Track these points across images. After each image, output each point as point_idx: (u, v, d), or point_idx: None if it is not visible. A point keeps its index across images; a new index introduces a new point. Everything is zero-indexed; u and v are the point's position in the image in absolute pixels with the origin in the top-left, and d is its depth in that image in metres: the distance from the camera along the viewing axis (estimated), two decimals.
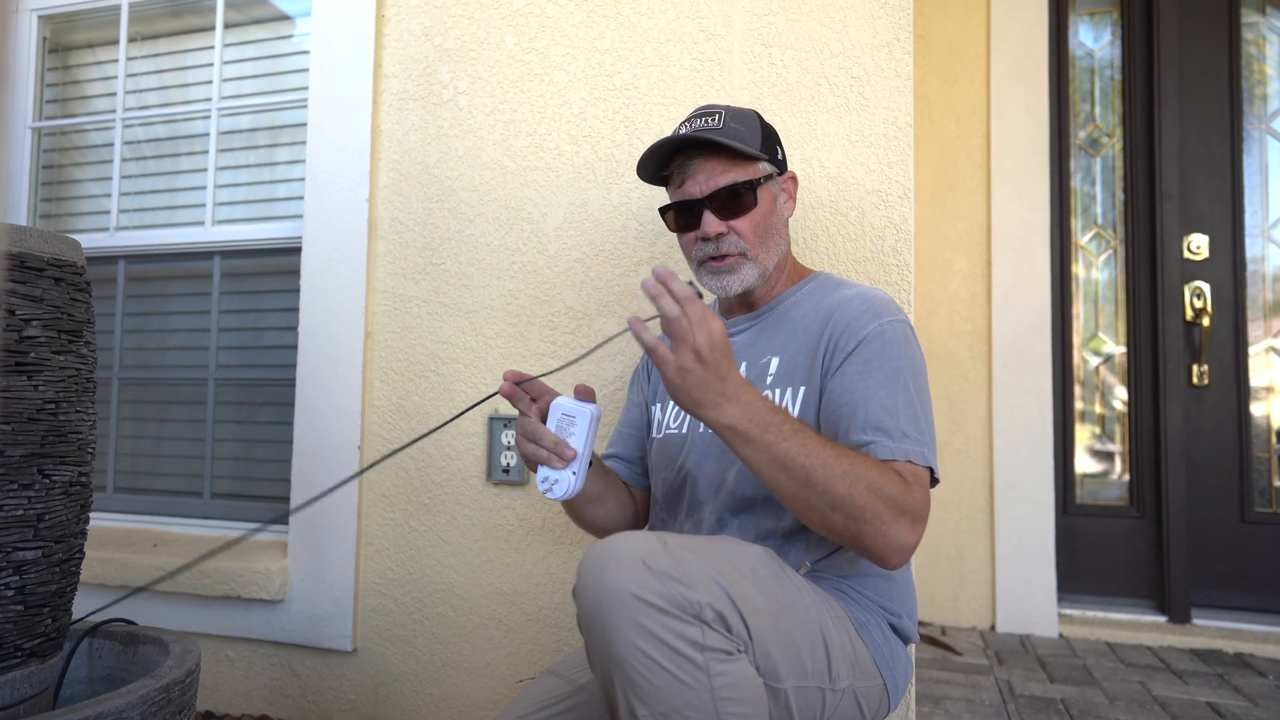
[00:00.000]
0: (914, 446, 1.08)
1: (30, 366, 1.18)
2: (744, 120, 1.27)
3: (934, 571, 2.82)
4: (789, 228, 1.35)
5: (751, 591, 0.99)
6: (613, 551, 0.94)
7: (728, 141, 1.22)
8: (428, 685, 1.79)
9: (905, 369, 1.14)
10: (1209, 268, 2.78)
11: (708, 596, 0.93)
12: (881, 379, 1.12)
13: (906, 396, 1.12)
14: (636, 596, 0.90)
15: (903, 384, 1.12)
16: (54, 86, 2.39)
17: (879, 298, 1.22)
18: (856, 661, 1.11)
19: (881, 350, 1.15)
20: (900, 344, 1.16)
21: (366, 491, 1.85)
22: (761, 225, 1.26)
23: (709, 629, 0.92)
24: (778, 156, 1.30)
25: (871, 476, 1.01)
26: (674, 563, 0.93)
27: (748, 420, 1.00)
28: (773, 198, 1.28)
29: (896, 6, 1.55)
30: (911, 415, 1.11)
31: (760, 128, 1.29)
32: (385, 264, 1.87)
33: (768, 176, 1.27)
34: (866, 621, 1.16)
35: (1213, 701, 2.06)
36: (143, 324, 2.24)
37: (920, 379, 1.15)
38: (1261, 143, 2.78)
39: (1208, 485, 2.76)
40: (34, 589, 1.19)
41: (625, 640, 0.90)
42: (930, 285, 2.87)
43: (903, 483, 1.04)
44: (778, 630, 1.00)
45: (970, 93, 2.87)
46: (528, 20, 1.79)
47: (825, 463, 1.00)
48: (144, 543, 2.04)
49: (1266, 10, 2.78)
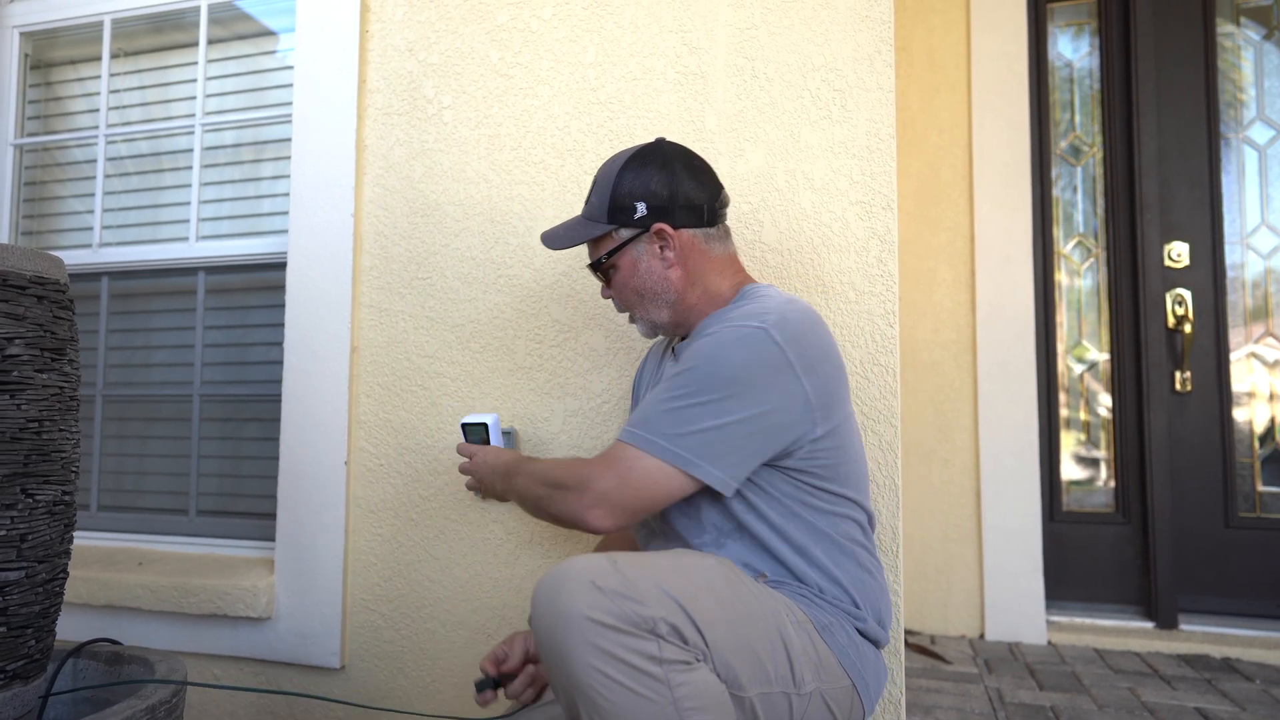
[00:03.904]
0: (637, 431, 1.16)
1: (13, 385, 1.18)
2: (599, 189, 1.34)
3: (922, 580, 2.82)
4: (690, 266, 1.32)
5: (706, 602, 1.01)
6: (563, 575, 0.98)
7: (553, 243, 1.36)
8: (417, 702, 1.78)
9: (697, 367, 1.16)
10: (1190, 275, 2.81)
11: (661, 611, 0.95)
12: (670, 380, 1.19)
13: (673, 392, 1.17)
14: (588, 618, 0.93)
15: (680, 381, 1.17)
16: (36, 103, 2.38)
17: (749, 309, 1.22)
18: (821, 664, 1.12)
19: (689, 355, 1.20)
20: (711, 347, 1.17)
21: (354, 507, 1.84)
22: (629, 288, 1.33)
23: (664, 642, 0.94)
24: (634, 217, 1.30)
25: (541, 471, 1.26)
26: (624, 581, 0.96)
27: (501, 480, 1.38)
28: (633, 261, 1.32)
29: (878, 20, 1.57)
30: (664, 410, 1.16)
31: (611, 194, 1.31)
32: (371, 279, 1.87)
33: (624, 242, 1.31)
34: (830, 624, 1.17)
35: (1201, 707, 2.07)
36: (127, 341, 2.23)
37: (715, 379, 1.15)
38: (1239, 151, 2.81)
39: (1192, 491, 2.78)
40: (17, 610, 1.18)
41: (582, 662, 0.92)
42: (915, 295, 2.89)
43: (575, 464, 1.22)
44: (736, 639, 1.02)
45: (952, 104, 2.90)
46: (511, 35, 1.80)
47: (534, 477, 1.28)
48: (129, 561, 2.02)
49: (1241, 21, 2.83)
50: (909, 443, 2.88)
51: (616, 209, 1.31)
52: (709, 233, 1.33)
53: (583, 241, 1.34)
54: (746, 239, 1.60)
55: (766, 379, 1.15)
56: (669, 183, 1.30)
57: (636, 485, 1.15)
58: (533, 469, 1.30)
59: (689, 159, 1.34)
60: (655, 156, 1.32)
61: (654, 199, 1.30)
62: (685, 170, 1.31)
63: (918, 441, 2.87)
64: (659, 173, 1.30)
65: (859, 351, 1.53)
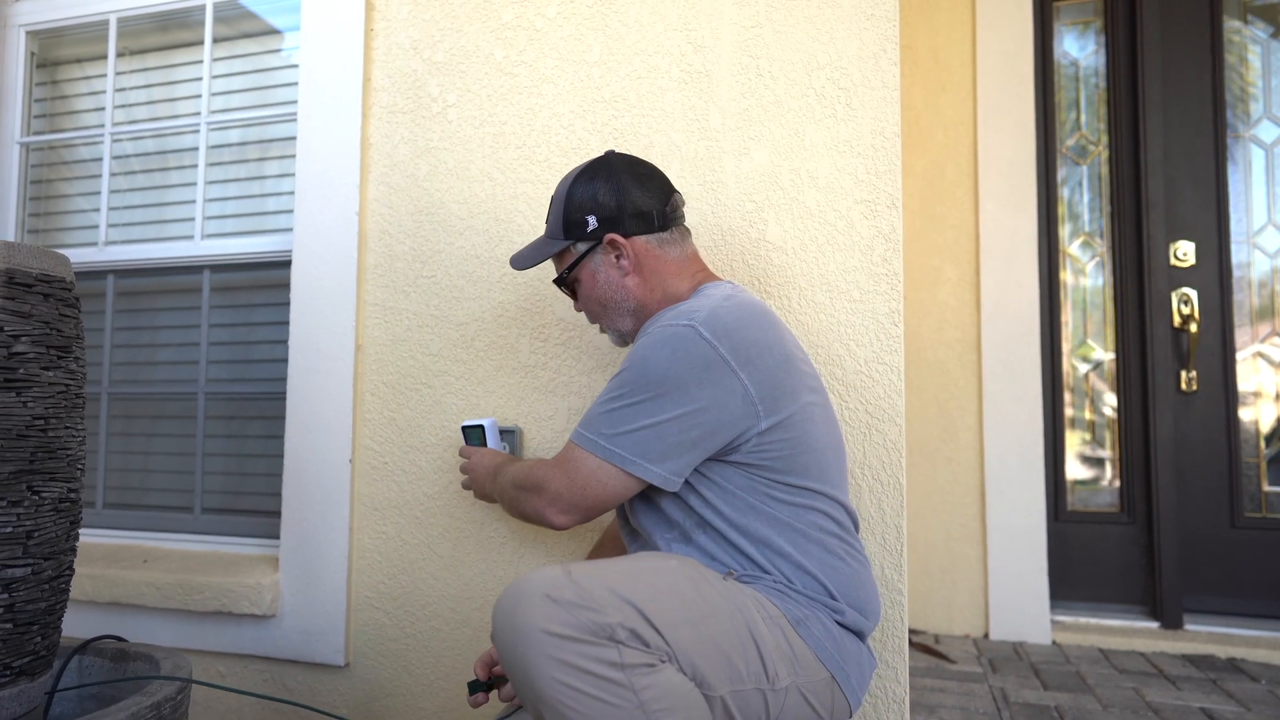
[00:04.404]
0: (582, 431, 1.21)
1: (19, 383, 1.18)
2: (555, 208, 1.38)
3: (926, 580, 2.82)
4: (648, 273, 1.35)
5: (666, 604, 1.02)
6: (519, 591, 0.99)
7: (519, 265, 1.41)
8: (421, 699, 1.78)
9: (630, 368, 1.20)
10: (1195, 274, 2.81)
11: (617, 616, 0.96)
12: (609, 384, 1.23)
13: (610, 394, 1.21)
14: (546, 630, 0.94)
15: (616, 382, 1.21)
16: (42, 102, 2.38)
17: (682, 309, 1.24)
18: (796, 658, 1.12)
19: (626, 358, 1.23)
20: (643, 349, 1.20)
21: (358, 505, 1.85)
22: (592, 299, 1.38)
23: (624, 647, 0.95)
24: (587, 230, 1.34)
25: (513, 474, 1.34)
26: (577, 590, 0.98)
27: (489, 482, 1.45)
28: (592, 273, 1.36)
29: (883, 18, 1.57)
30: (602, 411, 1.20)
31: (564, 210, 1.35)
32: (375, 277, 1.87)
33: (580, 256, 1.36)
34: (804, 617, 1.16)
35: (1206, 707, 2.07)
36: (132, 339, 2.24)
37: (646, 380, 1.18)
38: (1245, 150, 2.80)
39: (1197, 491, 2.77)
40: (23, 607, 1.19)
41: (545, 676, 0.94)
42: (919, 294, 2.89)
43: (536, 465, 1.29)
44: (701, 638, 1.03)
45: (957, 102, 2.90)
46: (516, 33, 1.80)
47: (509, 479, 1.35)
48: (134, 559, 2.03)
49: (1248, 19, 2.82)
50: (913, 442, 2.87)
51: (570, 224, 1.35)
52: (662, 237, 1.35)
53: (544, 259, 1.38)
54: (751, 237, 1.60)
55: (697, 375, 1.17)
56: (616, 193, 1.33)
57: (583, 484, 1.21)
58: (508, 471, 1.36)
59: (634, 167, 1.37)
60: (601, 169, 1.36)
61: (603, 210, 1.34)
62: (631, 179, 1.35)
63: (922, 440, 2.87)
64: (605, 184, 1.34)
65: (864, 350, 1.53)
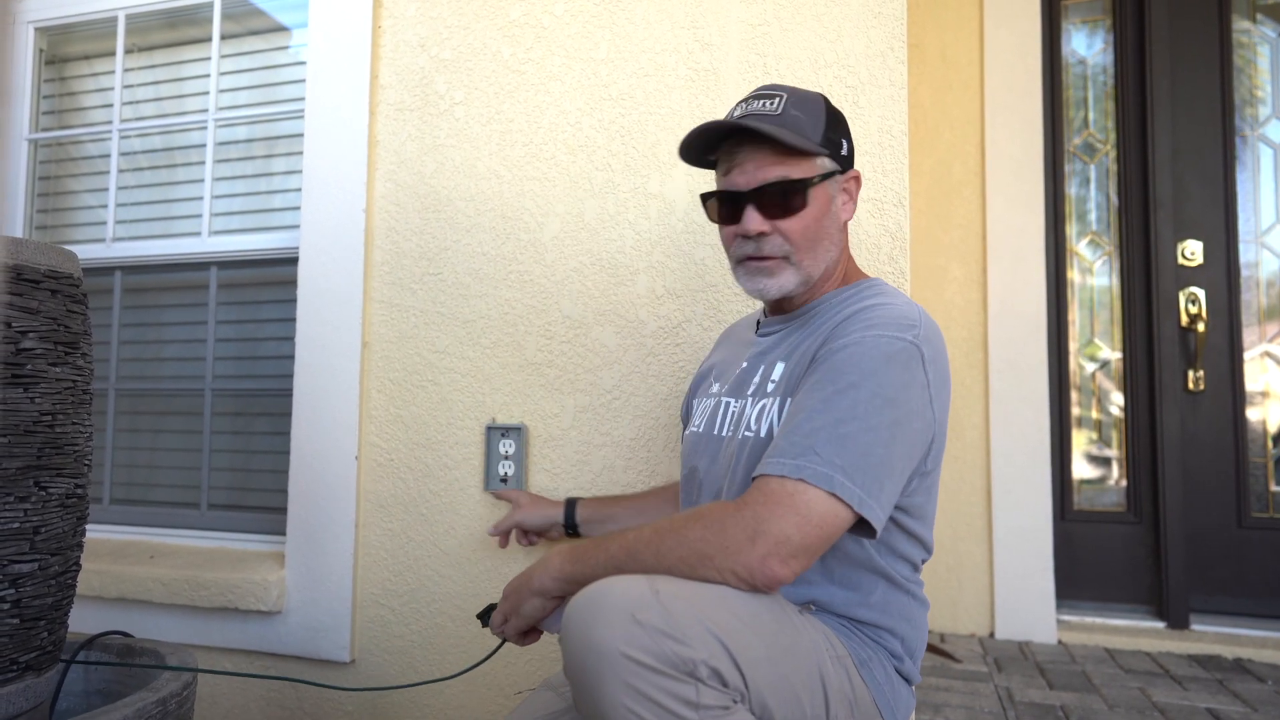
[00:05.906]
0: (818, 467, 0.97)
1: (27, 379, 1.18)
2: (807, 107, 1.14)
3: (932, 579, 2.81)
4: (847, 231, 1.24)
5: (750, 639, 0.94)
6: (600, 602, 0.90)
7: (777, 134, 1.09)
8: (426, 696, 1.78)
9: (861, 385, 1.01)
10: (1203, 274, 2.79)
11: (703, 652, 0.88)
12: (826, 395, 1.02)
13: (838, 414, 1.00)
14: (626, 655, 0.86)
15: (846, 401, 1.00)
16: (50, 98, 2.39)
17: (895, 314, 1.09)
18: (856, 703, 1.06)
19: (844, 363, 1.04)
20: (871, 360, 1.03)
21: (363, 502, 1.85)
22: (811, 229, 1.14)
23: (704, 686, 0.88)
24: (841, 151, 1.17)
25: (683, 534, 1.00)
26: (665, 616, 0.88)
27: (558, 573, 1.09)
28: (828, 199, 1.15)
29: (890, 16, 1.56)
30: (835, 436, 0.98)
31: (825, 118, 1.15)
32: (382, 274, 1.87)
33: (826, 175, 1.15)
34: (869, 659, 1.10)
35: (1212, 707, 2.06)
36: (139, 335, 2.24)
37: (881, 401, 1.01)
38: (1254, 149, 2.79)
39: (1204, 490, 2.76)
40: (30, 602, 1.19)
41: (614, 700, 0.86)
42: (926, 293, 2.88)
43: (715, 517, 0.99)
44: (776, 676, 0.96)
45: (964, 101, 2.89)
46: (524, 31, 1.80)
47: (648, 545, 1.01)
48: (141, 554, 2.04)
49: (1258, 18, 2.80)
50: None
51: (835, 134, 1.16)
52: None
53: (802, 148, 1.12)
54: None
55: (915, 405, 1.03)
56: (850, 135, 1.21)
57: (818, 523, 0.97)
58: (627, 537, 1.05)
59: None
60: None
61: (851, 143, 1.20)
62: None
63: None
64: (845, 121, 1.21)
65: None
